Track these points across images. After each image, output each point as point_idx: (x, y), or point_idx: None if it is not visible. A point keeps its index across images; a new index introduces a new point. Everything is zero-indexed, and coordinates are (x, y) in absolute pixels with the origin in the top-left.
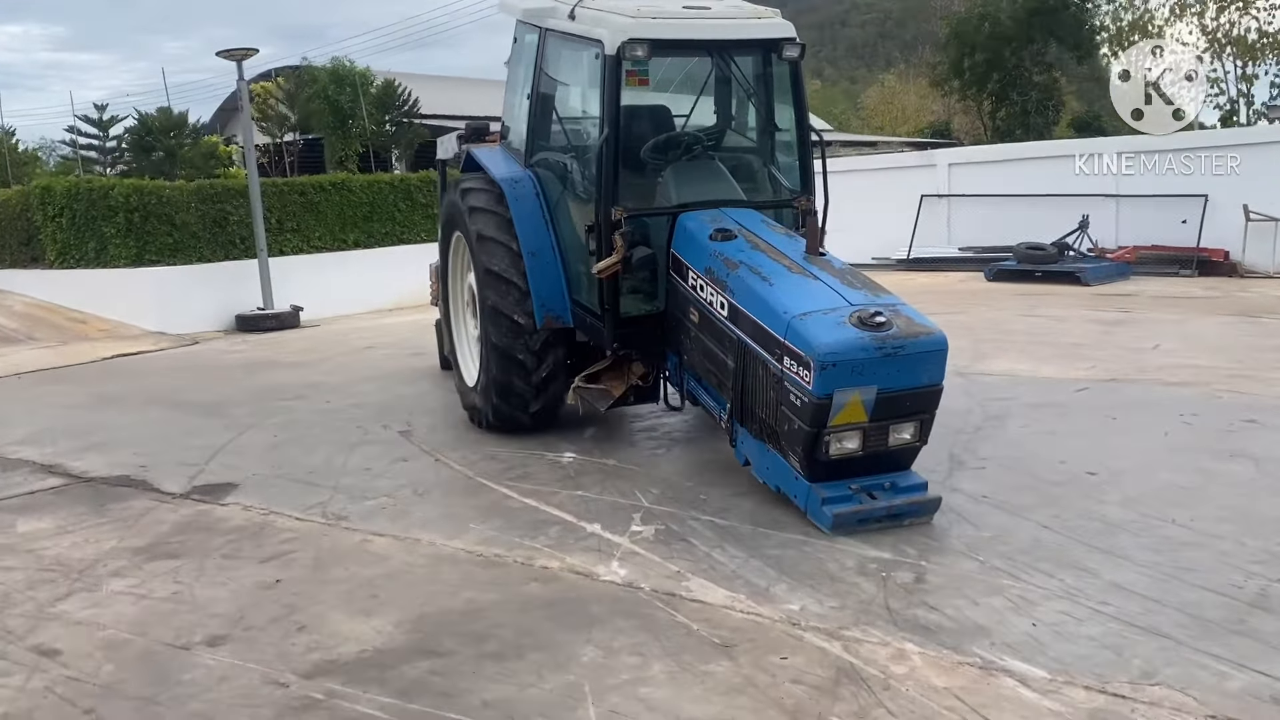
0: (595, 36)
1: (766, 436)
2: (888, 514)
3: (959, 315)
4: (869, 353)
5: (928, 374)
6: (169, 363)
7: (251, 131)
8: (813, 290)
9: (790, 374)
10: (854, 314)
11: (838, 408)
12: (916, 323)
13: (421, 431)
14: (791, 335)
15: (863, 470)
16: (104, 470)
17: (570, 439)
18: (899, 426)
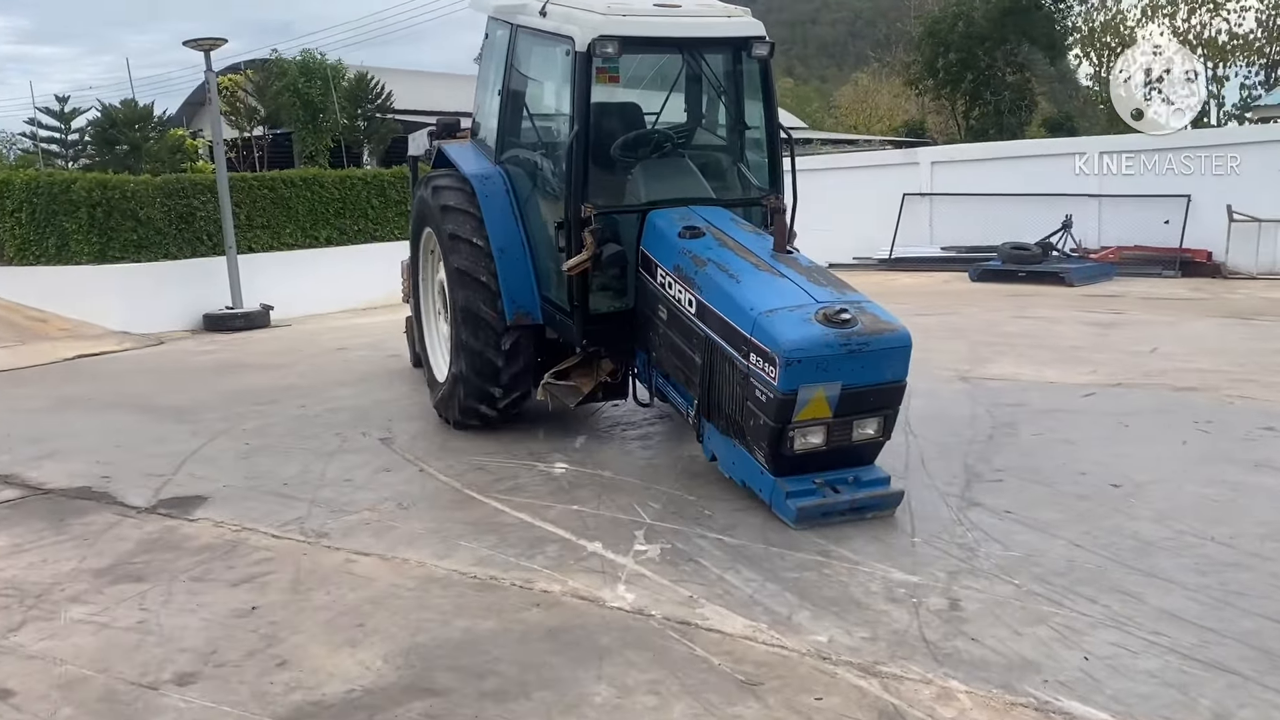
0: (566, 33)
1: (733, 432)
2: (851, 508)
3: (950, 317)
4: (834, 349)
5: (891, 370)
6: (133, 364)
7: (220, 124)
8: (779, 287)
9: (756, 370)
10: (820, 311)
11: (802, 403)
12: (881, 320)
13: (403, 439)
14: (758, 332)
15: (827, 465)
16: (64, 481)
17: (560, 448)
18: (863, 422)
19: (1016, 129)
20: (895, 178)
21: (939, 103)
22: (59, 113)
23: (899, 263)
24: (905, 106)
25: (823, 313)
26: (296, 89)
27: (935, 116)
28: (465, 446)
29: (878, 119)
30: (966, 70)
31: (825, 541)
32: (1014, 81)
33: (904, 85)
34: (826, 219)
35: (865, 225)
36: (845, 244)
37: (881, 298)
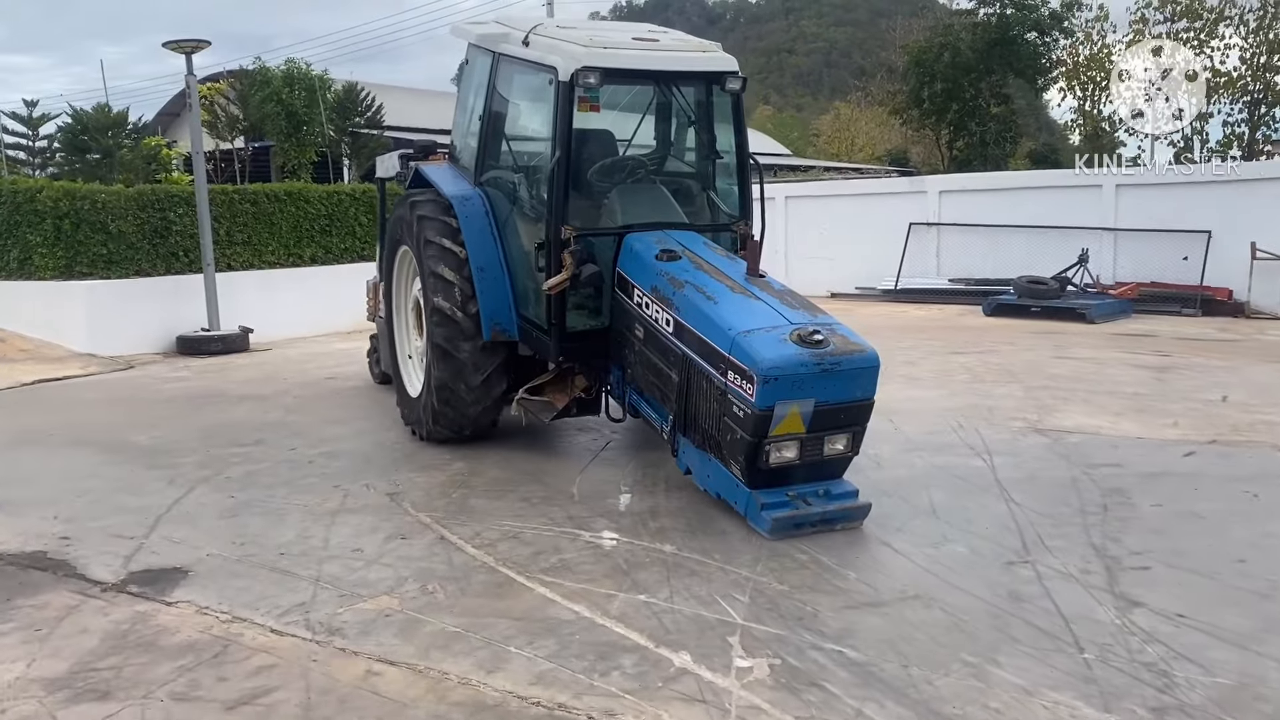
0: (549, 63)
1: (709, 446)
2: (822, 519)
3: (989, 355)
4: (808, 368)
5: (861, 389)
6: (100, 391)
7: (200, 132)
8: (755, 309)
9: (734, 387)
10: (794, 332)
11: (778, 419)
12: (851, 341)
13: (414, 495)
14: (736, 351)
15: (799, 478)
16: (14, 543)
17: (603, 511)
18: (834, 437)
19: (1001, 160)
20: (900, 206)
21: (922, 133)
22: (26, 118)
23: (904, 294)
24: (889, 136)
25: (797, 333)
26: (280, 98)
27: (918, 146)
28: (490, 507)
29: (859, 148)
30: (951, 100)
31: (973, 656)
32: (999, 113)
33: (888, 114)
34: (828, 247)
35: (868, 254)
36: (847, 273)
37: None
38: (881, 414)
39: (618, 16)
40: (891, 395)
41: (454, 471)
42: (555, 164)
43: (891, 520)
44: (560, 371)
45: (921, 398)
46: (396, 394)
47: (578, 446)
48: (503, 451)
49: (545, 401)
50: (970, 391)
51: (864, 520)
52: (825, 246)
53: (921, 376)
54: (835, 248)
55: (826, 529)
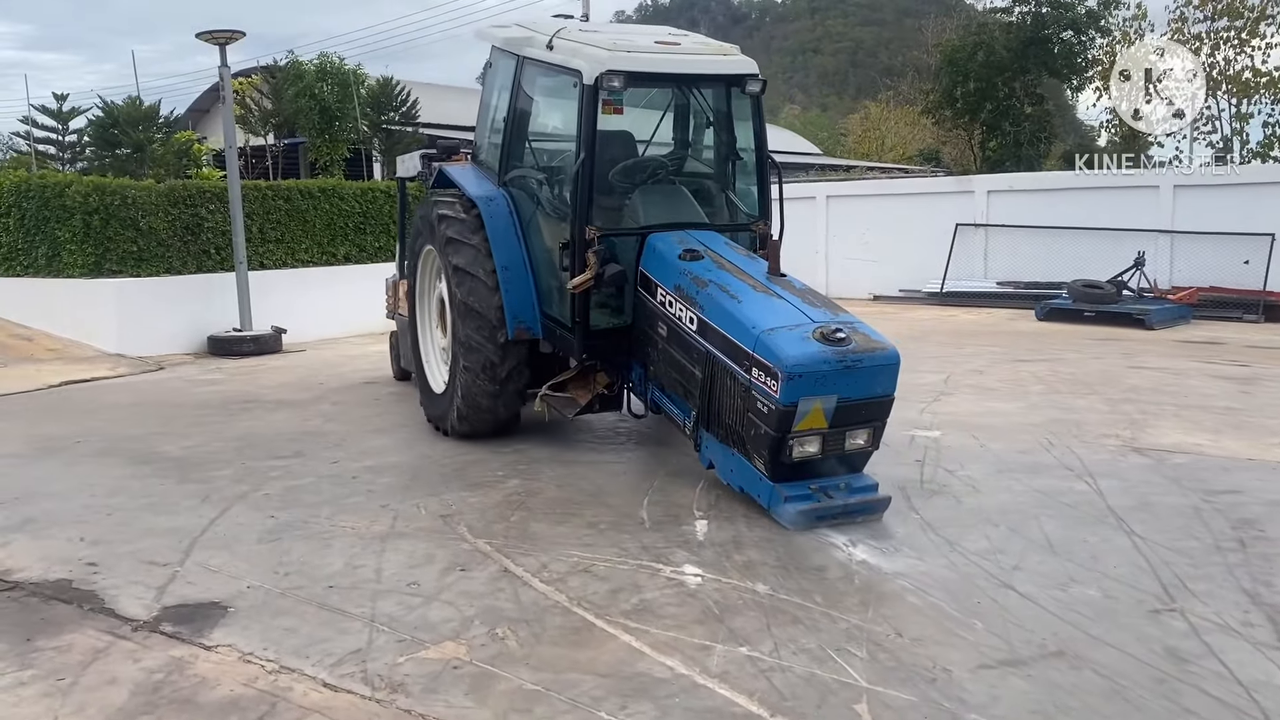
0: (574, 67)
1: (732, 441)
2: (843, 511)
3: (1056, 364)
4: (831, 365)
5: (881, 385)
6: (129, 395)
7: (233, 126)
8: (777, 308)
9: (758, 383)
10: (817, 330)
11: (801, 415)
12: (872, 339)
13: (470, 516)
14: (760, 348)
15: (821, 472)
16: (37, 569)
17: (680, 539)
18: (854, 432)
19: (1035, 161)
20: (946, 206)
21: (955, 133)
22: (56, 112)
23: (951, 297)
24: (919, 136)
25: (820, 331)
26: (313, 93)
27: (949, 146)
28: (553, 534)
29: (889, 148)
30: (985, 100)
31: None
32: (1033, 113)
33: (920, 114)
34: (871, 249)
35: (912, 256)
36: (891, 275)
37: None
38: (964, 429)
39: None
40: (968, 408)
41: (509, 490)
42: (580, 165)
43: (1004, 555)
44: (582, 369)
45: (1000, 411)
46: (419, 391)
47: (637, 463)
48: (558, 467)
49: (568, 398)
50: (1050, 404)
51: (883, 513)
52: (867, 248)
53: (993, 387)
54: (878, 249)
55: (847, 520)
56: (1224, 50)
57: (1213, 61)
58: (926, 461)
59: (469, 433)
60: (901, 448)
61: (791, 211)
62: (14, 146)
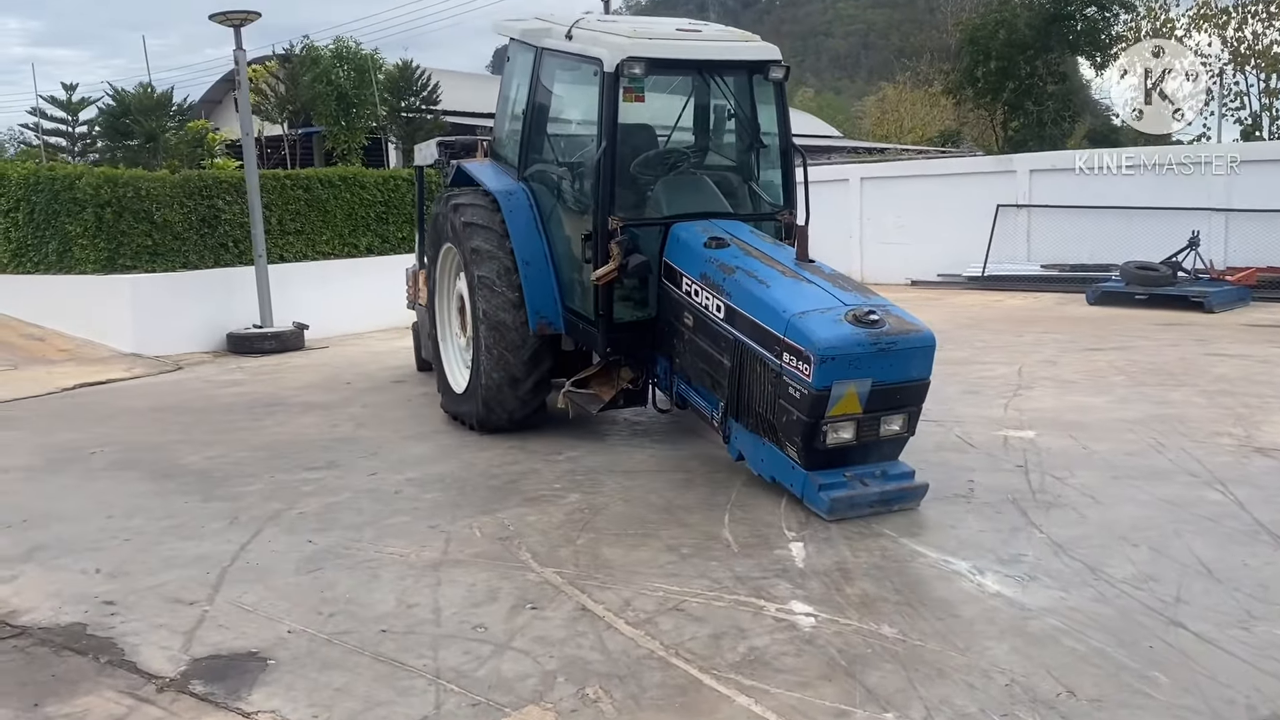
0: (594, 55)
1: (762, 429)
2: (879, 499)
3: (1130, 353)
4: (865, 347)
5: (917, 368)
6: (146, 398)
7: (249, 112)
8: (808, 292)
9: (789, 369)
10: (849, 312)
11: (835, 399)
12: (906, 321)
13: (531, 538)
14: (791, 332)
15: (855, 460)
16: (46, 609)
17: (775, 565)
18: (890, 418)
19: (1059, 140)
20: (985, 187)
21: (977, 113)
22: (65, 103)
23: (992, 281)
24: (939, 117)
25: (852, 314)
26: (330, 78)
27: (970, 127)
28: (630, 561)
29: (907, 130)
30: (1007, 79)
31: None
32: (1056, 91)
33: (940, 94)
34: (907, 232)
35: (950, 239)
36: (928, 259)
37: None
38: (1058, 428)
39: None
40: (1053, 404)
41: (571, 506)
42: (601, 154)
43: (1158, 584)
44: (605, 364)
45: (1089, 406)
46: (439, 389)
47: (706, 473)
48: (620, 478)
49: (591, 394)
50: (1140, 398)
51: (920, 501)
52: (903, 231)
53: (1072, 379)
54: (914, 232)
55: (884, 510)
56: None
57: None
58: (1029, 467)
59: (495, 429)
60: (996, 451)
61: (823, 195)
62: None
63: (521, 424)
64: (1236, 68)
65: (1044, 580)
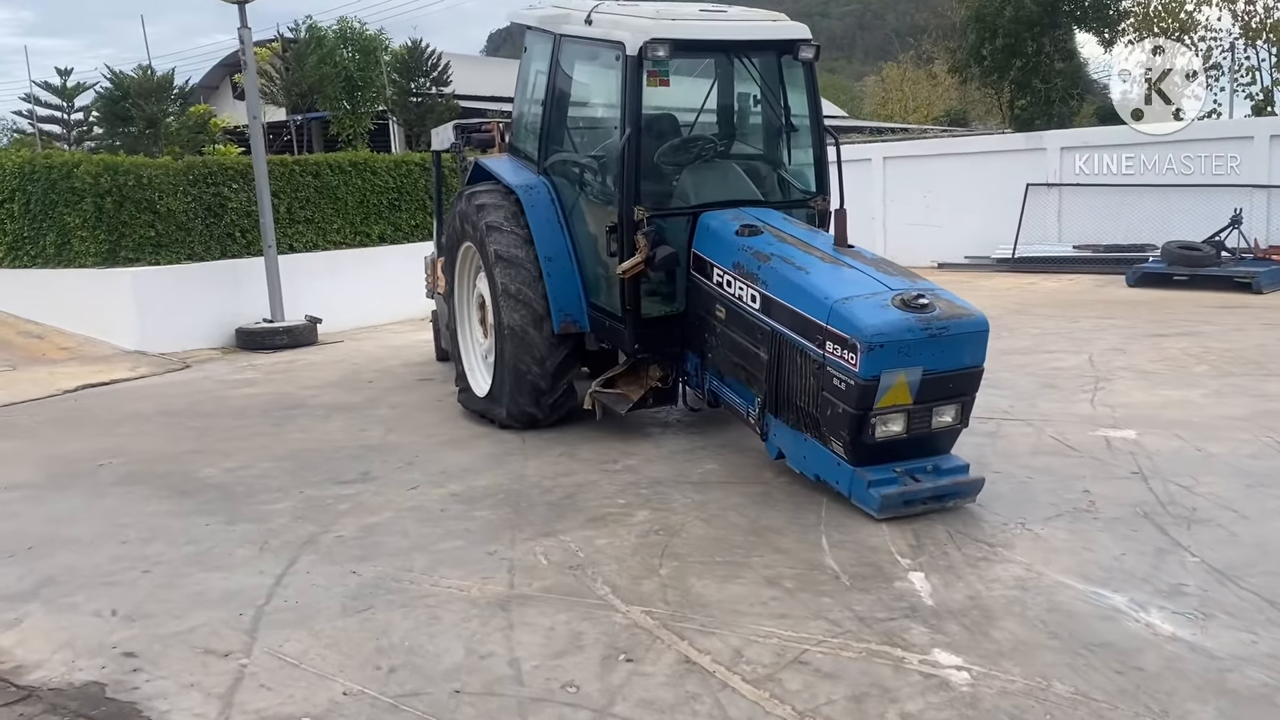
0: (616, 39)
1: (804, 425)
2: (933, 495)
3: (1198, 338)
4: (915, 333)
5: (970, 355)
6: (154, 401)
7: (256, 94)
8: (850, 277)
9: (833, 358)
10: (896, 297)
11: (884, 389)
12: (957, 305)
13: (606, 568)
14: (834, 319)
15: (905, 454)
16: (57, 664)
17: (906, 606)
18: (941, 409)
19: (1066, 118)
20: (1015, 166)
21: (984, 91)
22: (60, 88)
23: (1023, 263)
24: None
25: (899, 298)
26: (335, 60)
27: (978, 106)
28: (727, 597)
29: (911, 110)
30: (1014, 57)
31: None
32: (1064, 69)
33: (947, 72)
34: (932, 213)
35: (977, 220)
36: (954, 241)
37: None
38: (1158, 427)
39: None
40: (1142, 398)
41: (642, 526)
42: (626, 142)
43: None
44: (633, 362)
45: (1183, 401)
46: (457, 388)
47: (784, 484)
48: (689, 491)
49: (619, 394)
50: (1235, 390)
51: (976, 497)
52: (928, 212)
53: (1151, 369)
54: (940, 213)
55: (937, 506)
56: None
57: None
58: (1146, 474)
59: (522, 428)
60: (1102, 454)
61: (845, 176)
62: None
63: (547, 424)
64: (1247, 42)
65: (1222, 619)
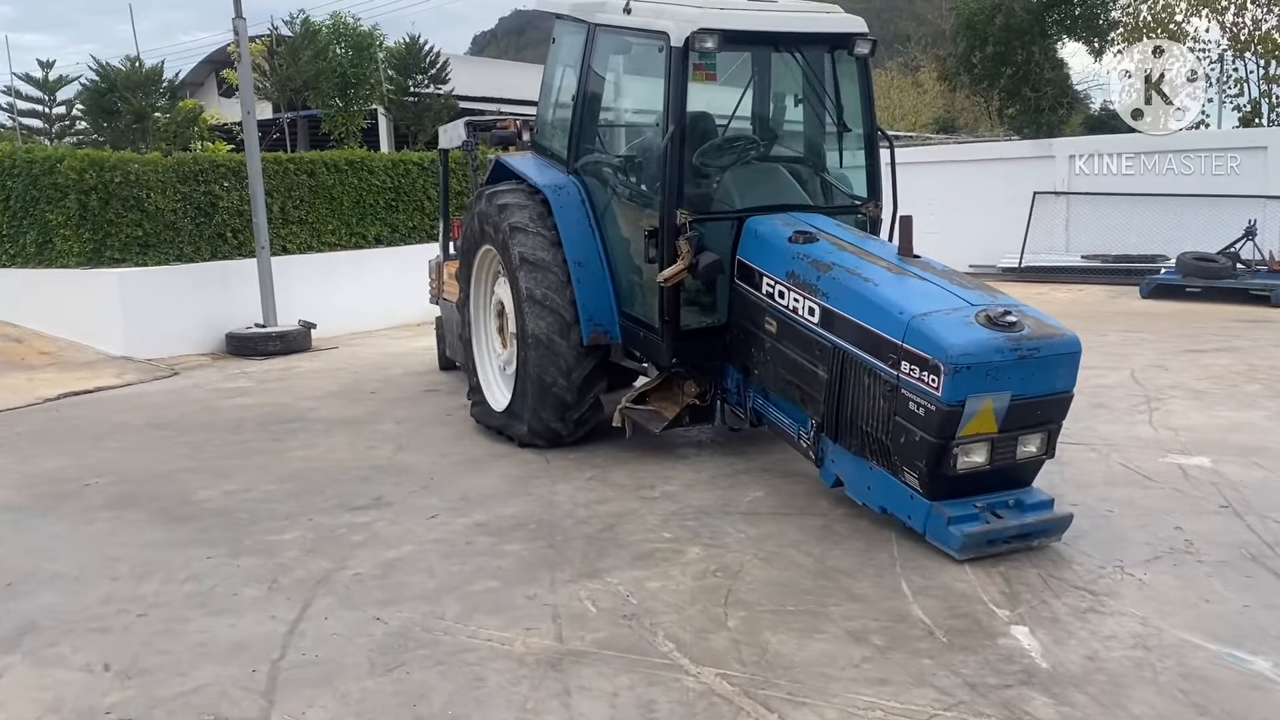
0: (659, 29)
1: (871, 452)
2: (1018, 534)
3: (1241, 354)
4: (1004, 355)
5: (1061, 379)
6: (142, 412)
7: (250, 85)
8: (924, 290)
9: (910, 380)
10: (980, 313)
11: (968, 416)
12: (1046, 323)
13: (666, 619)
14: (912, 337)
15: (986, 487)
16: None
17: (1020, 672)
18: (1027, 438)
19: (1056, 127)
20: (1022, 174)
21: (973, 99)
22: (42, 81)
23: (1030, 272)
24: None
25: (984, 314)
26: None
27: (965, 114)
28: (812, 657)
29: (899, 118)
30: (1004, 65)
31: None
32: (1053, 77)
33: (935, 80)
34: (936, 221)
35: (983, 228)
36: (958, 249)
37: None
38: (1230, 452)
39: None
40: (1204, 421)
41: (696, 566)
42: (669, 140)
43: None
44: (665, 377)
45: (1249, 424)
46: (469, 392)
47: (845, 515)
48: (741, 524)
49: (652, 411)
50: None
51: (1062, 535)
52: (931, 219)
53: (1200, 388)
54: (943, 221)
55: (1021, 545)
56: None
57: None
58: (1238, 509)
59: (544, 445)
60: (1181, 484)
61: None
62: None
63: (571, 441)
64: (1236, 54)
65: None
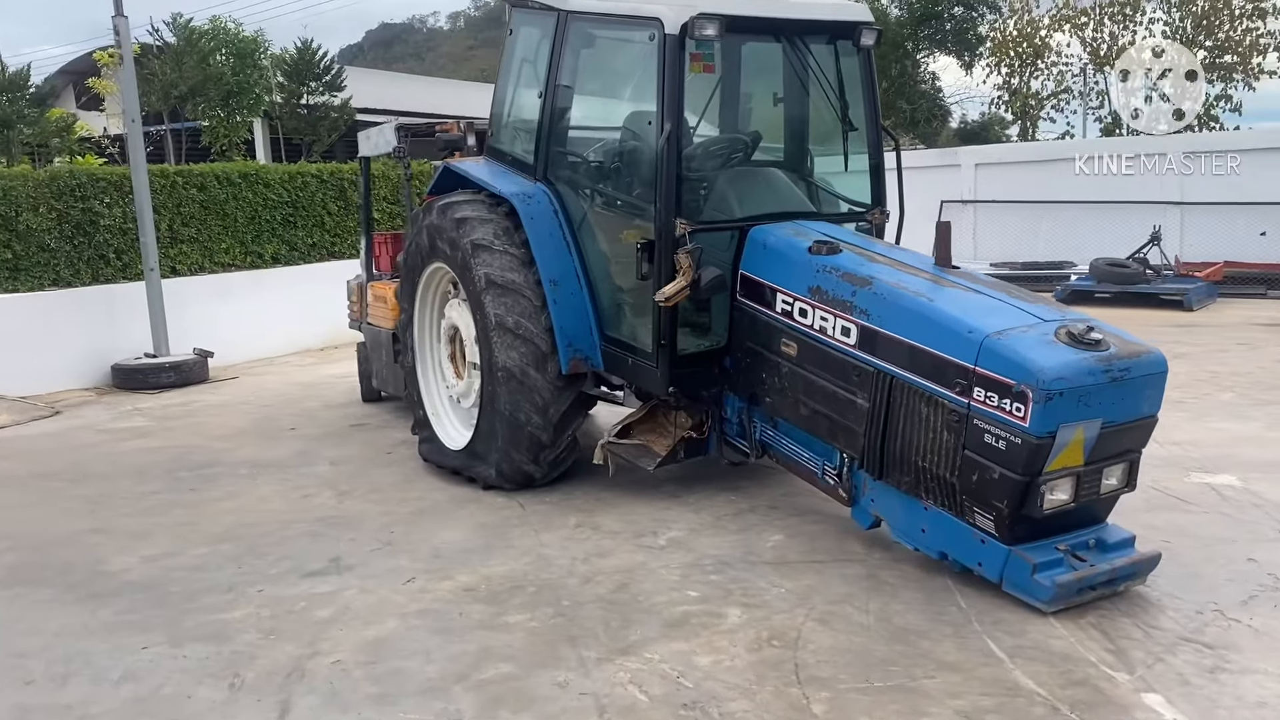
0: (650, 14)
1: (929, 491)
2: (1108, 580)
3: (1187, 360)
4: (1097, 378)
5: (1148, 402)
6: (25, 460)
7: (134, 90)
8: (986, 305)
9: (986, 409)
10: (1060, 329)
11: (1059, 448)
12: (1129, 341)
13: (731, 701)
14: (988, 359)
15: (1064, 527)
16: None
17: None
18: (1111, 469)
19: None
20: (928, 182)
21: None
22: None
23: None
24: None
25: (1065, 331)
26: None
27: None
28: None
29: None
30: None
31: None
32: (926, 90)
33: None
34: None
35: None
36: None
37: None
38: (1259, 470)
39: None
40: (1207, 435)
41: (745, 634)
42: (665, 140)
43: None
44: (650, 407)
45: (1251, 437)
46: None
47: (881, 562)
48: (775, 576)
49: (639, 445)
50: None
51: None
52: None
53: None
54: None
55: (1109, 592)
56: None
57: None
58: None
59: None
60: (1223, 507)
61: None
62: None
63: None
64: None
65: None
